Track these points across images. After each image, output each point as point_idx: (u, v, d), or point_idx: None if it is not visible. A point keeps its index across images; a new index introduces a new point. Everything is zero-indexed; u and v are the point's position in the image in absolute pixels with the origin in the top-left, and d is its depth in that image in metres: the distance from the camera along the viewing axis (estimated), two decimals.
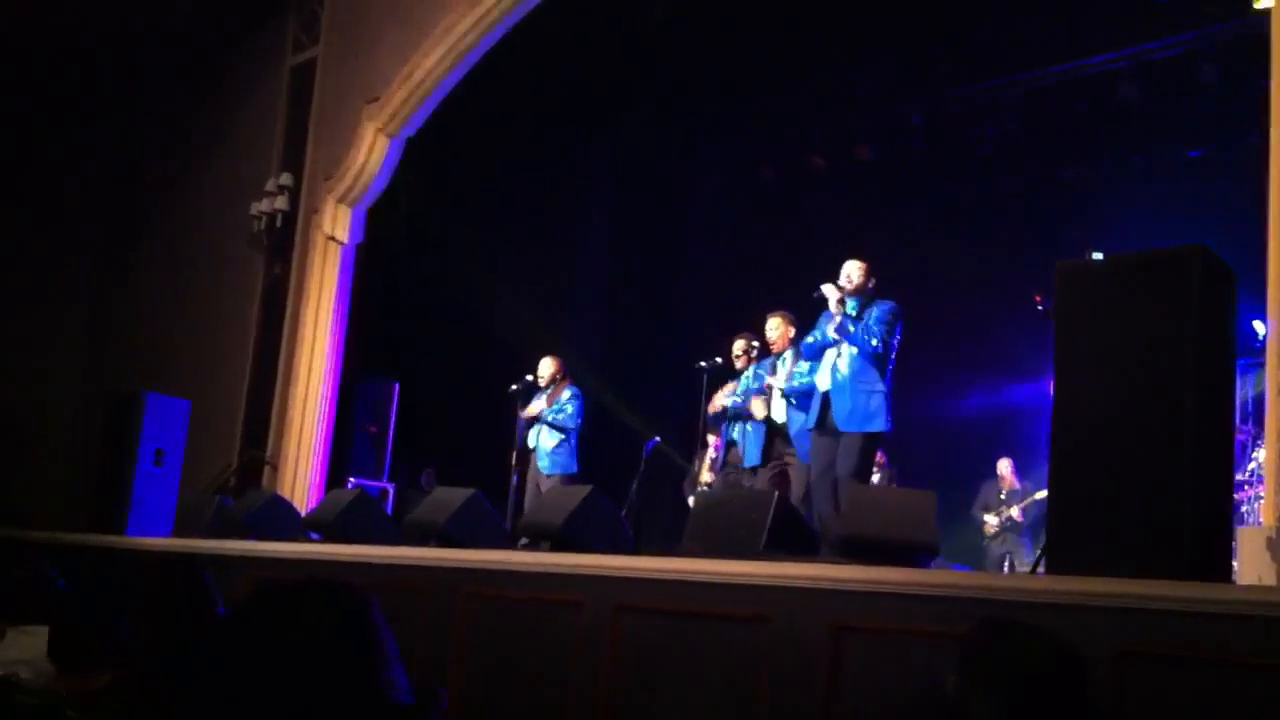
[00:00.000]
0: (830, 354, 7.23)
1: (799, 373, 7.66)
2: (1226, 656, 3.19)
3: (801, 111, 11.69)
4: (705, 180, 12.49)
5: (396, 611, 2.83)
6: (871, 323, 7.11)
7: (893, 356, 7.17)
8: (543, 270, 11.87)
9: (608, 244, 12.92)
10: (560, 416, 9.16)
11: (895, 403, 7.14)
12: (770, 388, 7.95)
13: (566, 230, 12.25)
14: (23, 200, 12.21)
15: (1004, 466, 10.93)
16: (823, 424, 7.16)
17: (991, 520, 10.80)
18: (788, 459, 7.85)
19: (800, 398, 7.60)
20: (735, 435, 8.30)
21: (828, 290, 7.20)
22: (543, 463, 9.18)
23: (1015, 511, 10.67)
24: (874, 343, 7.05)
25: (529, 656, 4.94)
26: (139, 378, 11.04)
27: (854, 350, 7.10)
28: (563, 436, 9.19)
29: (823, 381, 7.21)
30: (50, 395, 12.19)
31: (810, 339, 7.38)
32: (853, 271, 7.28)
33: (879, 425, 7.06)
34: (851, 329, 7.08)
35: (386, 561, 5.77)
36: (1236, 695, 3.17)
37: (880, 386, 7.07)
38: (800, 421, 7.50)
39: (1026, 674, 2.93)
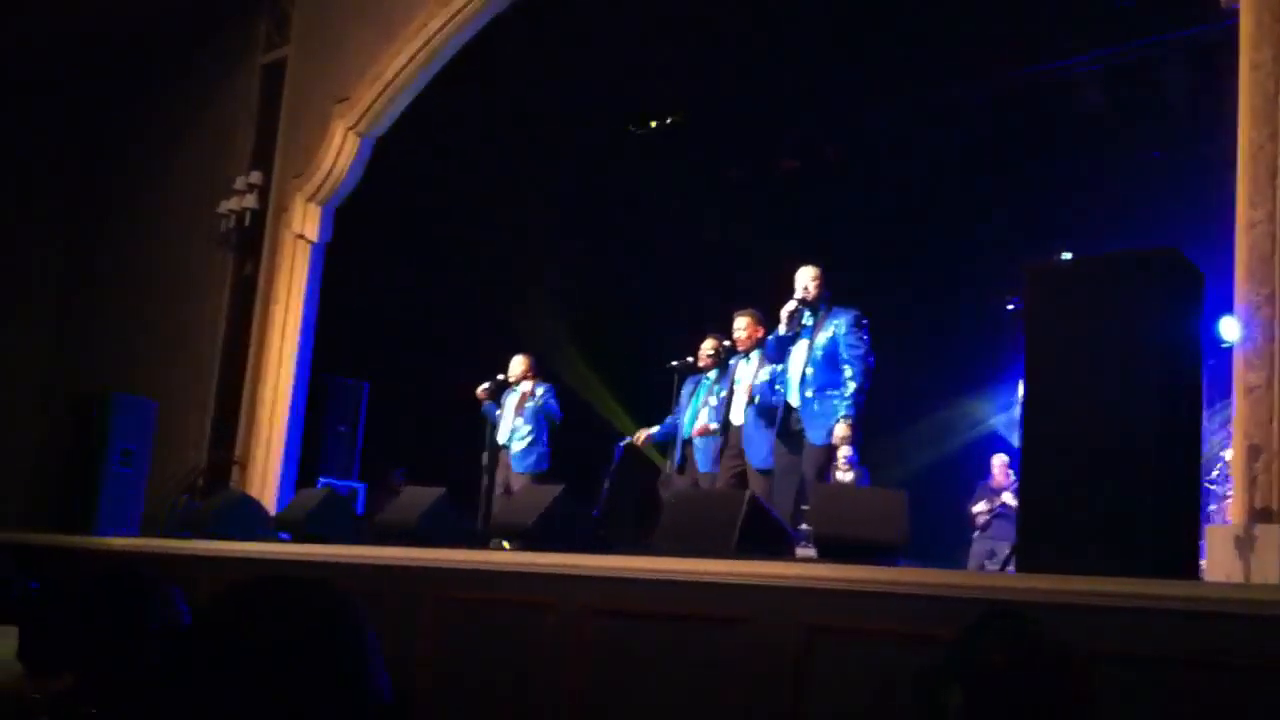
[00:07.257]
0: (795, 363, 7.11)
1: (763, 381, 7.48)
2: (1195, 654, 3.21)
3: (770, 113, 11.72)
4: (676, 180, 12.49)
5: (368, 611, 2.81)
6: (843, 337, 6.97)
7: (870, 365, 7.02)
8: (514, 269, 11.84)
9: (580, 244, 12.90)
10: (542, 407, 9.20)
11: (869, 406, 7.05)
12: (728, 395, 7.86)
13: (538, 230, 12.21)
14: None
15: (997, 462, 10.90)
16: (787, 433, 7.08)
17: (982, 507, 10.73)
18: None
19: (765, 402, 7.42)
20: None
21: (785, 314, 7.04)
22: (515, 462, 9.19)
23: (1008, 497, 10.52)
24: (847, 357, 6.94)
25: (500, 656, 4.92)
26: (105, 377, 10.94)
27: (818, 361, 6.98)
28: (536, 435, 9.21)
29: (793, 396, 7.11)
30: (15, 395, 12.06)
31: (770, 336, 7.25)
32: (808, 281, 7.10)
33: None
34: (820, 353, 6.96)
35: (357, 561, 5.74)
36: (1205, 693, 3.20)
37: (849, 397, 6.94)
38: (760, 425, 7.36)
39: (997, 667, 2.90)
